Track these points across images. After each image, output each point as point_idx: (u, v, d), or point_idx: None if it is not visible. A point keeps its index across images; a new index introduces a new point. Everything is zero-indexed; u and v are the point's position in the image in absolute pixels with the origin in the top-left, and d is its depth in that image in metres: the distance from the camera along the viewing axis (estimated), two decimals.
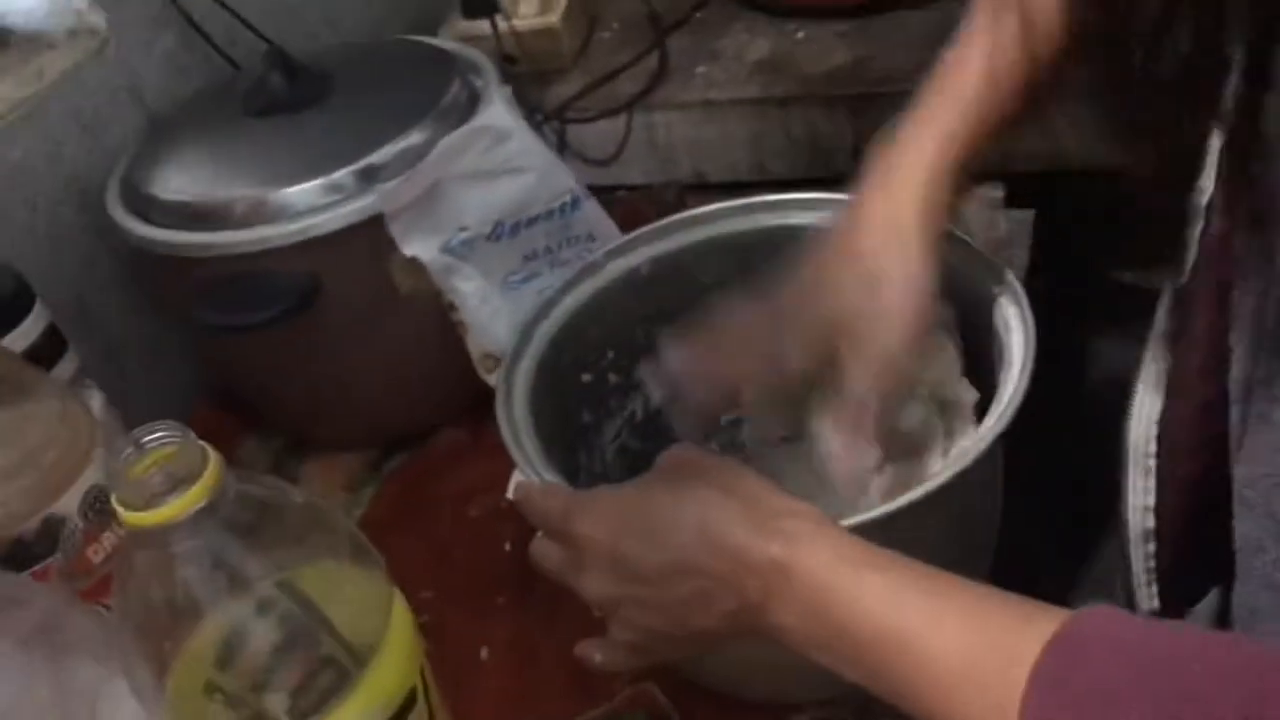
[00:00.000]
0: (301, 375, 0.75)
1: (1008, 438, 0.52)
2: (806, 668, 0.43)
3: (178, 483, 0.36)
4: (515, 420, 0.58)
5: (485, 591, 0.69)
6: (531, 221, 0.72)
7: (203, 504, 0.37)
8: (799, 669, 0.44)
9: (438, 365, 0.75)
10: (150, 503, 0.36)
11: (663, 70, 1.02)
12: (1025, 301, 0.57)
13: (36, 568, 0.50)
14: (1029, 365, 0.53)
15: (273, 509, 0.40)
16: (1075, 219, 0.95)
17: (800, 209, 0.66)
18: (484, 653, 0.66)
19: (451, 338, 0.73)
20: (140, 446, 0.37)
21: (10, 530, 0.50)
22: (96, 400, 0.66)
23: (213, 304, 0.68)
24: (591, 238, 0.75)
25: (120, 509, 0.36)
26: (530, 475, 0.54)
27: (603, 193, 0.99)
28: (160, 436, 0.37)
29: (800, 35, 1.02)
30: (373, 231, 0.68)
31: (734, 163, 0.98)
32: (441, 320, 0.73)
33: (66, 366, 0.64)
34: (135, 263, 0.74)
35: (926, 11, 0.98)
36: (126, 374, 0.81)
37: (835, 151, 0.93)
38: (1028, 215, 0.85)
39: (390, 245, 0.69)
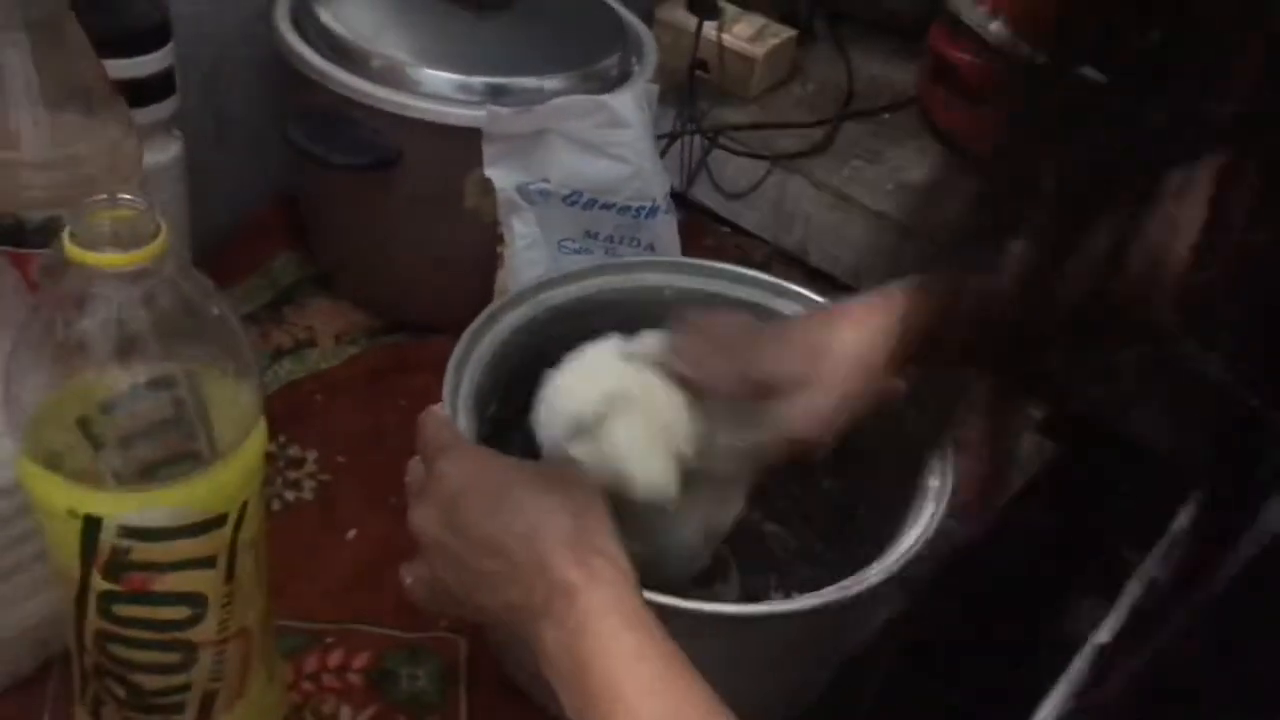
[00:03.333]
0: (352, 226, 0.80)
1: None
2: None
3: (124, 242, 0.41)
4: (472, 357, 0.62)
5: (389, 486, 0.73)
6: (607, 206, 0.76)
7: (133, 269, 0.41)
8: None
9: (467, 279, 0.79)
10: (92, 245, 0.41)
11: (825, 145, 1.04)
12: (950, 473, 0.58)
13: (21, 251, 0.56)
14: (928, 533, 0.55)
15: (195, 308, 0.45)
16: (1104, 475, 0.95)
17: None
18: (351, 534, 0.70)
19: (489, 263, 0.78)
20: (113, 199, 0.42)
21: (17, 208, 0.56)
22: (174, 149, 0.72)
23: (305, 128, 0.74)
24: (652, 248, 0.78)
25: (66, 240, 0.41)
26: (448, 408, 0.58)
27: (717, 222, 1.04)
28: (131, 200, 0.42)
29: None
30: (468, 140, 0.73)
31: (839, 257, 1.00)
32: (488, 244, 0.77)
33: (162, 109, 0.70)
34: (275, 62, 0.79)
35: None
36: (225, 145, 0.87)
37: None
38: (1050, 449, 0.85)
39: (476, 160, 0.73)
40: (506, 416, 0.67)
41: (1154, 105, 0.33)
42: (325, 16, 0.75)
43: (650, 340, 0.58)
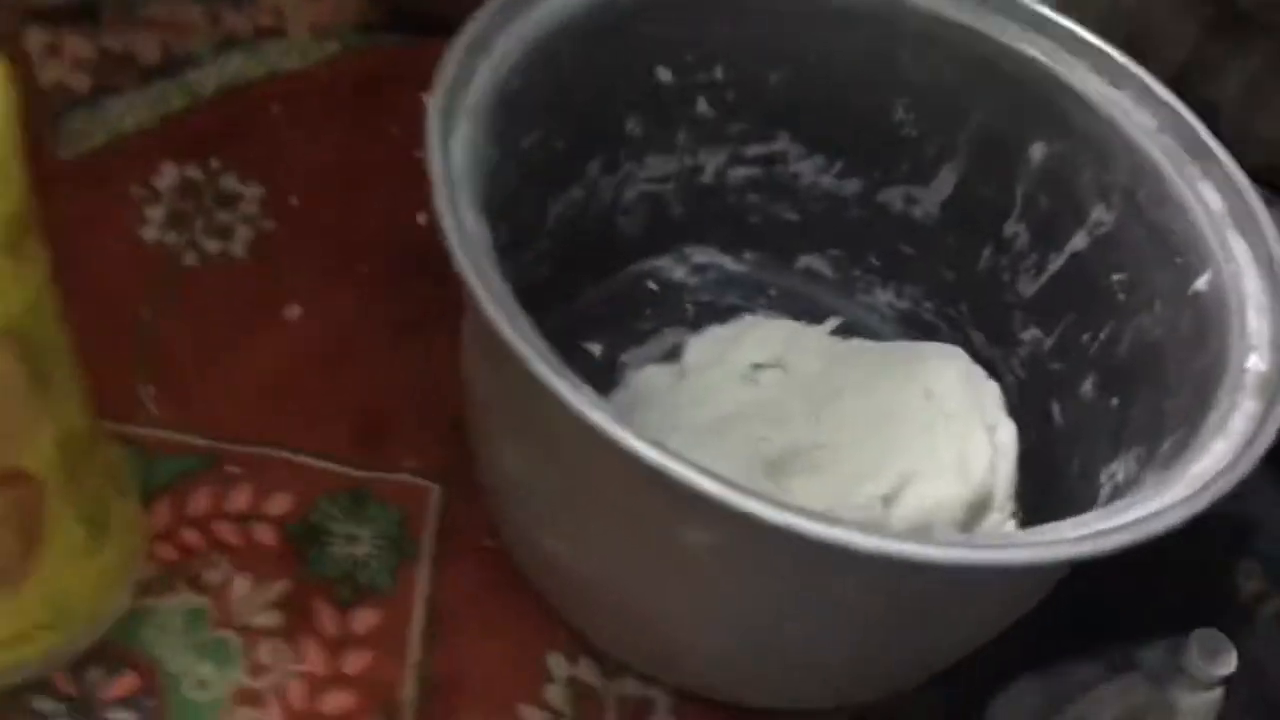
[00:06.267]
0: None
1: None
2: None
3: None
4: (471, 85, 0.35)
5: (354, 247, 0.50)
6: None
7: None
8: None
9: None
10: None
11: None
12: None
13: None
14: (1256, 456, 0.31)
15: None
16: None
17: None
18: (295, 312, 0.48)
19: None
20: None
21: None
22: None
23: None
24: None
25: None
26: (436, 181, 0.32)
27: None
28: None
29: None
30: None
31: None
32: None
33: None
34: None
35: None
36: None
37: (1160, 48, 0.66)
38: None
39: None
40: (532, 220, 0.42)
41: None
42: None
43: None
